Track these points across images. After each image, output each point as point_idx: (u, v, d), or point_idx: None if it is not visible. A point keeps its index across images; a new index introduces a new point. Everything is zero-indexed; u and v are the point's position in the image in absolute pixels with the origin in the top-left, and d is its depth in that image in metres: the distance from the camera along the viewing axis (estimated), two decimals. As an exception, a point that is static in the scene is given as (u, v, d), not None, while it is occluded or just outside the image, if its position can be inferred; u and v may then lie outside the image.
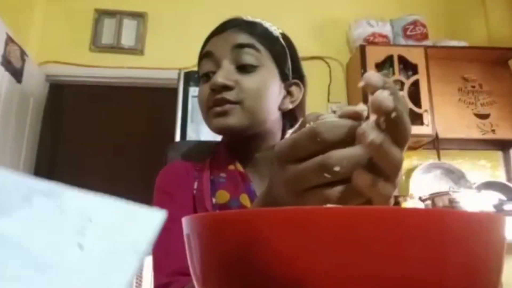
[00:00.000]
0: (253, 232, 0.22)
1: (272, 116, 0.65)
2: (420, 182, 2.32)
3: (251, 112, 0.61)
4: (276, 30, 0.68)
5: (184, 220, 0.28)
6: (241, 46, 0.62)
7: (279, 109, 0.66)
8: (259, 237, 0.22)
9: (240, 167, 0.65)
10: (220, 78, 0.59)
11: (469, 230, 0.22)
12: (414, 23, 2.48)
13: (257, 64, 0.62)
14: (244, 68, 0.61)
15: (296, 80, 0.69)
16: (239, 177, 0.63)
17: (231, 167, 0.64)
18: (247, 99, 0.60)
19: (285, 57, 0.67)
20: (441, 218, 0.21)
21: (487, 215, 0.22)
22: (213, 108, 0.61)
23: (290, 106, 0.68)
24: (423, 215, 0.21)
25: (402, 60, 2.32)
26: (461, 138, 2.30)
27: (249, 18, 0.68)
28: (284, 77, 0.66)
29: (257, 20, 0.68)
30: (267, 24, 0.68)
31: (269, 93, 0.63)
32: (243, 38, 0.62)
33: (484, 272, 0.22)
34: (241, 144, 0.66)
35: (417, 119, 2.22)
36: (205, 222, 0.25)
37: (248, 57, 0.62)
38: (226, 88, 0.60)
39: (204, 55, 0.65)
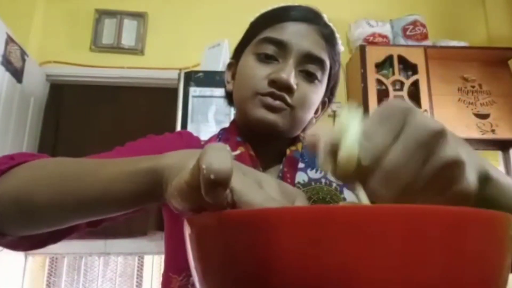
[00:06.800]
0: (260, 233, 0.22)
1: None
2: (420, 182, 2.33)
3: (295, 120, 0.62)
4: (341, 46, 0.69)
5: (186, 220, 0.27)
6: (314, 58, 0.62)
7: None
8: (266, 238, 0.21)
9: (251, 151, 0.63)
10: (290, 78, 0.59)
11: (483, 228, 0.22)
12: (414, 23, 2.48)
13: (319, 79, 0.63)
14: (306, 73, 0.62)
15: (327, 98, 0.71)
16: (248, 160, 0.61)
17: (241, 148, 0.62)
18: (298, 108, 0.61)
19: (337, 80, 0.70)
20: (455, 217, 0.21)
21: (499, 214, 0.22)
22: (265, 96, 0.60)
23: (314, 122, 0.70)
24: (437, 213, 0.21)
25: (402, 60, 2.31)
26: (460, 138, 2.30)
27: (325, 17, 0.67)
28: (325, 96, 0.69)
29: (333, 27, 0.67)
30: (339, 40, 0.68)
31: (314, 108, 0.65)
32: (319, 51, 0.62)
33: (494, 269, 0.23)
34: (259, 139, 0.64)
35: (417, 119, 2.23)
36: (212, 221, 0.25)
37: (315, 69, 0.62)
38: (289, 89, 0.60)
39: (274, 41, 0.62)
